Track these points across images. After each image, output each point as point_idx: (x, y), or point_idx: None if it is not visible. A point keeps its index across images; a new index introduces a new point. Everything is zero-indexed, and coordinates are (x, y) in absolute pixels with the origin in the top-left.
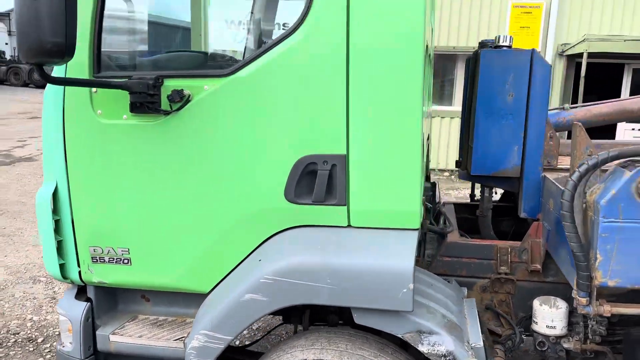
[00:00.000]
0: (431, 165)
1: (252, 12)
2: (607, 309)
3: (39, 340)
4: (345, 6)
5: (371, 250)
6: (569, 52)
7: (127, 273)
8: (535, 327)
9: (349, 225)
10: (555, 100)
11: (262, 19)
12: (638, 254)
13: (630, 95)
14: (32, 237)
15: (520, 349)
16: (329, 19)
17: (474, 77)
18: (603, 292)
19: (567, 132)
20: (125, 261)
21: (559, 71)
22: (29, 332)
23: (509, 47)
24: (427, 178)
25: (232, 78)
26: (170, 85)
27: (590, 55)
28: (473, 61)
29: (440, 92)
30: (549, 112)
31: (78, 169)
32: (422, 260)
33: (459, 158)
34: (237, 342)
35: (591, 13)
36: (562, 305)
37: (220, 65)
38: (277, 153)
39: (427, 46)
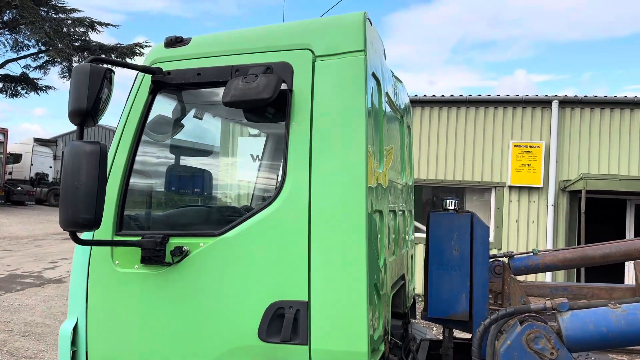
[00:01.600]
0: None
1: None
2: None
3: None
4: (307, 188)
5: None
6: (570, 189)
7: None
8: None
9: None
10: (561, 232)
11: (256, 182)
12: None
13: (634, 230)
14: None
15: None
16: (296, 196)
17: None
18: None
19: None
20: None
21: (562, 206)
22: None
23: (455, 210)
24: (405, 315)
25: (222, 238)
26: (174, 242)
27: (590, 192)
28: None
29: None
30: (521, 256)
31: (95, 308)
32: None
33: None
34: None
35: (589, 152)
36: None
37: (216, 222)
38: (253, 300)
39: (379, 211)
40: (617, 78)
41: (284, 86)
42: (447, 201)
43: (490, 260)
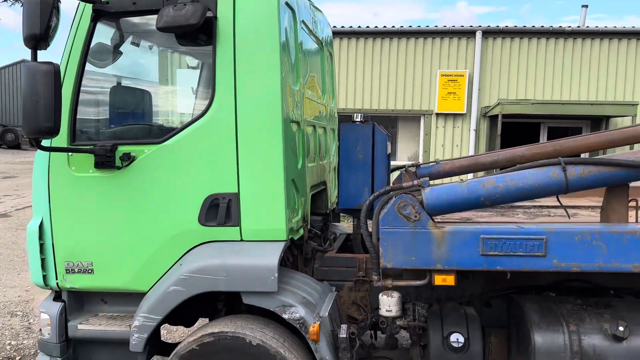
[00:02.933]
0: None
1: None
2: (389, 283)
3: (17, 358)
4: (233, 100)
5: (252, 255)
6: (490, 114)
7: (91, 280)
8: (379, 312)
9: (241, 240)
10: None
11: (194, 97)
12: (401, 248)
13: None
14: None
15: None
16: (224, 108)
17: None
18: (388, 273)
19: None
20: (90, 271)
21: (483, 130)
22: (7, 353)
23: (361, 122)
24: (327, 215)
25: (163, 145)
26: (122, 149)
27: (506, 116)
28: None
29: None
30: (426, 165)
31: (57, 208)
32: (310, 270)
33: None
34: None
35: (508, 79)
36: (395, 295)
37: (157, 134)
38: (194, 193)
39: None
40: (557, 9)
41: (209, 14)
42: (355, 115)
43: (402, 168)
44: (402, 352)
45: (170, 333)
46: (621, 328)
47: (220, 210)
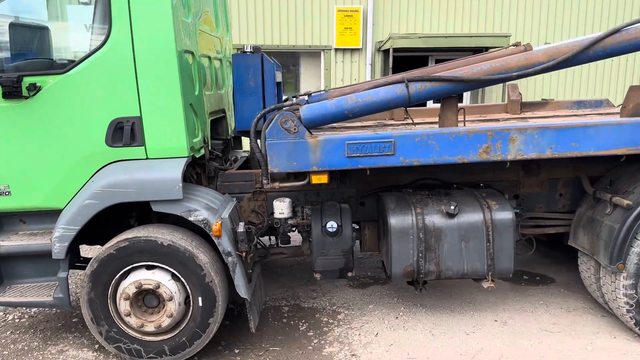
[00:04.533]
0: None
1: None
2: (277, 185)
3: None
4: (129, 32)
5: (159, 169)
6: (383, 48)
7: (9, 201)
8: (274, 215)
9: (147, 158)
10: None
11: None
12: (285, 156)
13: None
14: None
15: (265, 229)
16: (121, 39)
17: None
18: (275, 177)
19: None
20: (7, 193)
21: (378, 64)
22: None
23: (251, 52)
24: (227, 140)
25: (67, 74)
26: (28, 80)
27: (397, 50)
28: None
29: (288, 82)
30: (319, 93)
31: None
32: (214, 186)
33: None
34: None
35: (399, 14)
36: (286, 200)
37: (60, 66)
38: (99, 117)
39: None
40: None
41: None
42: (247, 46)
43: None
44: (295, 249)
45: None
46: (452, 207)
47: (125, 132)
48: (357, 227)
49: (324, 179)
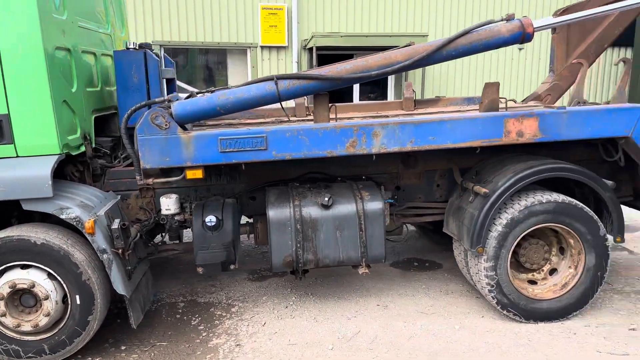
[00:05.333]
0: None
1: None
2: (150, 181)
3: None
4: None
5: (27, 167)
6: (309, 46)
7: None
8: (161, 212)
9: (17, 156)
10: None
11: None
12: (157, 152)
13: None
14: None
15: (152, 226)
16: None
17: None
18: (150, 173)
19: None
20: None
21: (304, 62)
22: None
23: (134, 48)
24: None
25: None
26: None
27: (321, 48)
28: None
29: (214, 79)
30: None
31: None
32: (100, 184)
33: None
34: None
35: (323, 12)
36: (173, 196)
37: None
38: None
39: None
40: None
41: None
42: (128, 43)
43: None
44: (186, 245)
45: None
46: (326, 199)
47: None
48: (251, 221)
49: (198, 173)
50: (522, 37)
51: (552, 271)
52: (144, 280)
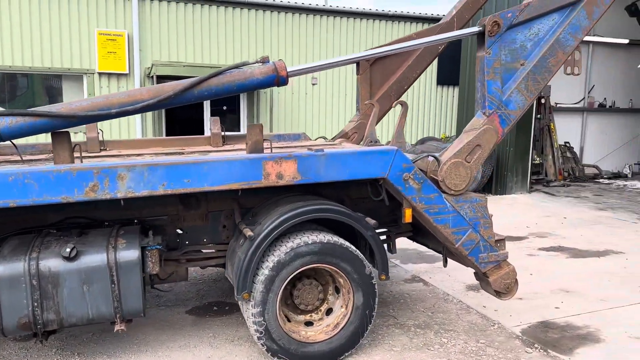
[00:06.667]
0: None
1: None
2: None
3: None
4: None
5: None
6: (152, 74)
7: None
8: None
9: None
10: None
11: None
12: None
13: (207, 105)
14: None
15: None
16: None
17: None
18: None
19: None
20: None
21: None
22: None
23: None
24: None
25: None
26: None
27: (162, 77)
28: None
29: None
30: None
31: None
32: None
33: None
34: None
35: (169, 42)
36: None
37: None
38: None
39: None
40: None
41: None
42: None
43: None
44: None
45: None
46: (68, 250)
47: None
48: None
49: None
50: (277, 80)
51: (329, 311)
52: None
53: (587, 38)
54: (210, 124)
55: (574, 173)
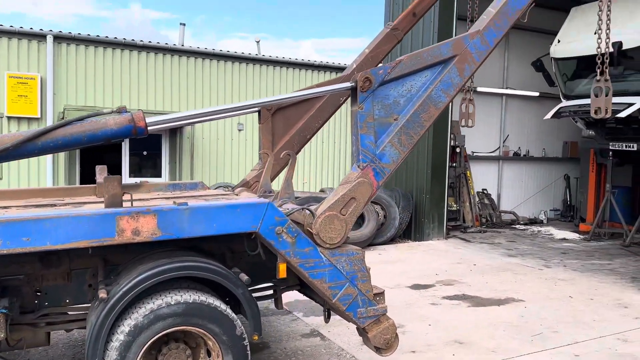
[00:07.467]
0: None
1: None
2: None
3: None
4: None
5: None
6: (64, 119)
7: None
8: None
9: None
10: (60, 159)
11: None
12: None
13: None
14: None
15: None
16: None
17: None
18: None
19: None
20: None
21: None
22: None
23: None
24: None
25: None
26: None
27: None
28: None
29: None
30: None
31: None
32: None
33: None
34: None
35: (85, 85)
36: None
37: None
38: None
39: None
40: (226, 24)
41: None
42: None
43: None
44: None
45: None
46: None
47: None
48: None
49: None
50: (134, 131)
51: None
52: None
53: (500, 90)
54: (97, 173)
55: (492, 219)
